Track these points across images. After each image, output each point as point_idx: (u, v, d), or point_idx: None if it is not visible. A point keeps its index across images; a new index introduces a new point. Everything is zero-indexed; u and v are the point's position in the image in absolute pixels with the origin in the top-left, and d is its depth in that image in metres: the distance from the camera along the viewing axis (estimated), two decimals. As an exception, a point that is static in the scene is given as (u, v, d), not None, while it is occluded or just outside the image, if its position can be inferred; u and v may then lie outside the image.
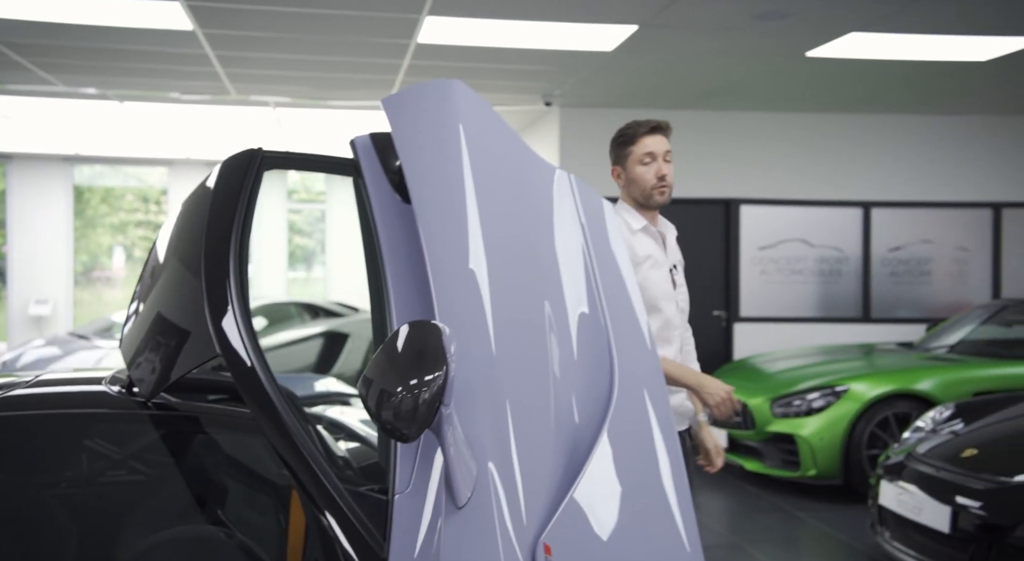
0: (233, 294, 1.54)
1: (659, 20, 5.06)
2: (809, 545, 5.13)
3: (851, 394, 5.86)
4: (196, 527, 1.88)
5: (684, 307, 2.73)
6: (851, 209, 8.20)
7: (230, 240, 1.59)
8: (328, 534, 1.47)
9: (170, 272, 1.78)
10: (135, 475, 1.99)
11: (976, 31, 5.29)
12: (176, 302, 1.71)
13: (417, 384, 1.27)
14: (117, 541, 1.83)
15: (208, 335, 1.52)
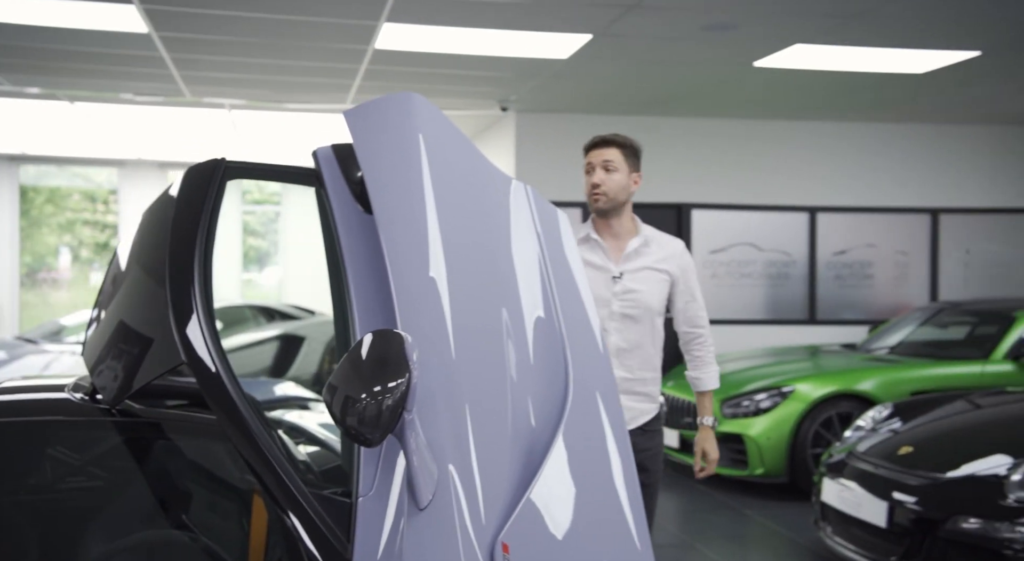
0: (198, 301, 1.56)
1: (612, 30, 5.18)
2: (756, 542, 5.29)
3: (797, 395, 6.04)
4: (161, 532, 1.92)
5: (626, 311, 2.86)
6: (798, 214, 8.42)
7: (194, 248, 1.61)
8: (293, 536, 1.51)
9: (133, 280, 1.81)
10: (99, 481, 2.03)
11: (913, 45, 5.51)
12: (139, 310, 1.74)
13: (380, 391, 1.32)
14: (83, 547, 1.86)
15: (172, 342, 1.55)
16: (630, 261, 2.89)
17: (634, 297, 2.87)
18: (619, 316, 2.85)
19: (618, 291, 2.87)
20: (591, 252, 2.90)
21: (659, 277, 2.91)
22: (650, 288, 2.88)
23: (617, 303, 2.86)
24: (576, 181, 7.92)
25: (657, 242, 2.95)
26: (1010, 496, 3.76)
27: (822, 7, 4.77)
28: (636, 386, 2.89)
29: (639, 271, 2.88)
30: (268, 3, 4.73)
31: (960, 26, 5.09)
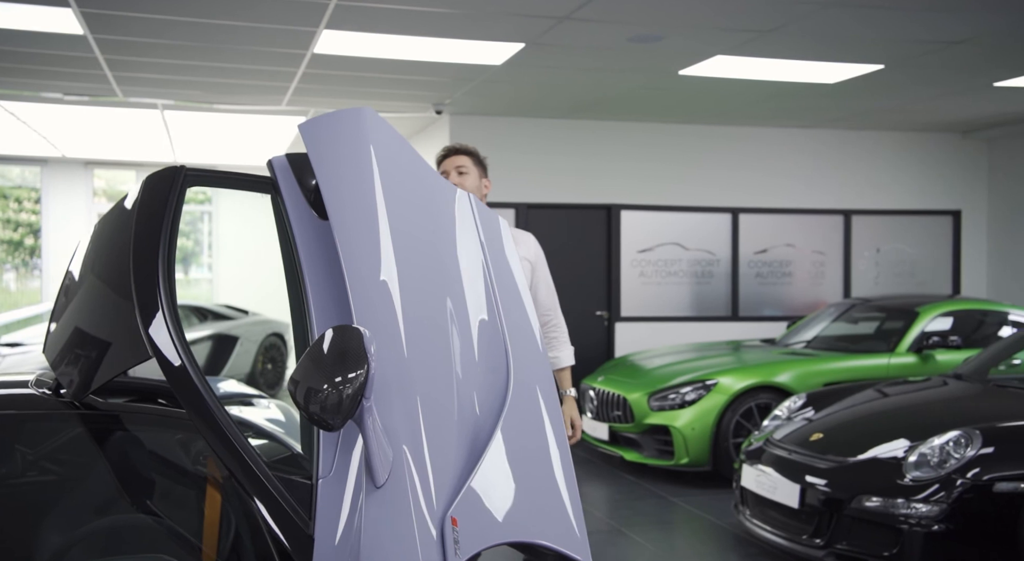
0: (163, 302, 1.69)
1: (544, 39, 5.40)
2: (681, 526, 5.58)
3: (720, 387, 6.37)
4: (126, 516, 2.05)
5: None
6: (721, 215, 8.80)
7: (158, 252, 1.72)
8: (258, 517, 1.66)
9: (91, 285, 1.92)
10: (65, 471, 2.14)
11: (822, 58, 5.88)
12: (100, 312, 1.86)
13: (341, 381, 1.48)
14: (51, 532, 1.97)
15: (138, 340, 1.68)
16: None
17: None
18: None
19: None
20: None
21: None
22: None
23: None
24: (510, 183, 8.15)
25: (513, 237, 3.25)
26: (907, 476, 4.11)
27: (739, 23, 5.08)
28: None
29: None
30: (207, 8, 4.80)
31: (864, 42, 5.47)
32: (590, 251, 8.50)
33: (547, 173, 8.28)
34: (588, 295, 8.45)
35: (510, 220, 8.27)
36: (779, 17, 4.95)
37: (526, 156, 8.21)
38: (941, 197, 9.23)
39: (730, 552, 4.98)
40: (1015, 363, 6.26)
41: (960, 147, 9.24)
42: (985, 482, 3.99)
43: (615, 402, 6.74)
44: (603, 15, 4.88)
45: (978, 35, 5.31)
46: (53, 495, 2.09)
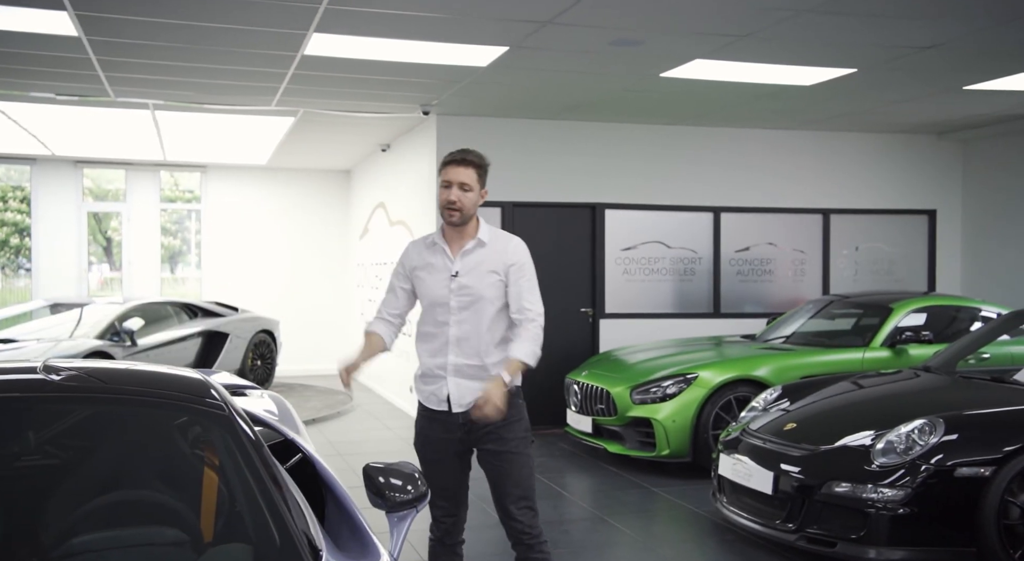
0: None
1: (527, 43, 5.56)
2: (661, 514, 5.76)
3: (700, 381, 6.55)
4: (136, 491, 2.20)
5: (462, 304, 3.20)
6: (703, 214, 8.98)
7: None
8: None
9: None
10: (74, 451, 2.29)
11: (797, 62, 6.07)
12: None
13: None
14: (67, 505, 2.13)
15: None
16: (465, 260, 3.25)
17: (468, 292, 3.21)
18: (456, 309, 3.20)
19: (454, 288, 3.22)
20: (433, 255, 3.29)
21: (491, 272, 3.24)
22: (482, 282, 3.22)
23: (454, 298, 3.21)
24: (496, 182, 8.28)
25: (493, 241, 3.29)
26: (874, 462, 4.31)
27: (715, 28, 5.25)
28: (479, 372, 3.22)
29: (473, 269, 3.23)
30: (200, 11, 4.93)
31: (836, 47, 5.66)
32: (575, 249, 8.66)
33: (533, 173, 8.45)
34: (573, 292, 8.62)
35: (496, 219, 8.43)
36: (754, 23, 5.13)
37: (512, 156, 8.37)
38: (917, 197, 9.45)
39: (708, 538, 5.16)
40: (984, 357, 6.48)
41: (935, 148, 9.46)
42: (948, 467, 4.19)
43: (599, 396, 6.91)
44: (584, 20, 5.05)
45: (946, 41, 5.51)
46: (63, 472, 2.24)
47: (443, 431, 3.29)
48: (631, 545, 5.08)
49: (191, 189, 12.79)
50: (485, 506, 5.90)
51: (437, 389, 3.26)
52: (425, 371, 3.32)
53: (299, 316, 12.28)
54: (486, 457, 3.30)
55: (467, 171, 3.21)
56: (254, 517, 2.14)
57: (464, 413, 3.23)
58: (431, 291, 3.25)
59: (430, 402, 3.31)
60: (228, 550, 2.12)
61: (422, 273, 3.28)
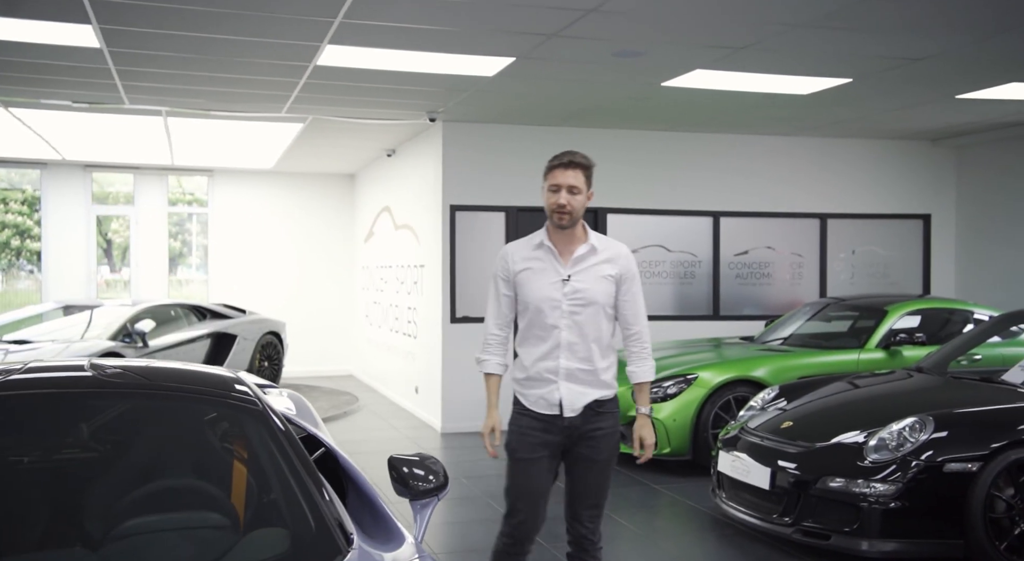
0: None
1: (534, 54, 5.75)
2: (663, 510, 5.94)
3: (700, 381, 6.73)
4: (180, 479, 2.39)
5: (574, 309, 3.19)
6: (703, 218, 9.17)
7: None
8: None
9: None
10: (126, 440, 2.47)
11: (795, 73, 6.26)
12: None
13: None
14: (117, 492, 2.31)
15: None
16: (578, 264, 3.23)
17: (581, 296, 3.20)
18: (568, 313, 3.19)
19: (567, 291, 3.20)
20: (543, 258, 3.25)
21: (604, 277, 3.23)
22: (595, 287, 3.21)
23: (567, 302, 3.19)
24: (501, 187, 8.49)
25: (603, 247, 3.29)
26: (867, 458, 4.49)
27: (715, 40, 5.44)
28: (589, 376, 3.21)
29: (586, 273, 3.22)
30: (219, 24, 5.11)
31: (831, 58, 5.85)
32: (577, 252, 8.84)
33: (536, 178, 8.52)
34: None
35: (500, 223, 8.63)
36: (752, 35, 5.32)
37: (516, 161, 8.56)
38: (912, 202, 9.64)
39: (707, 532, 5.34)
40: (976, 358, 6.66)
41: (930, 154, 9.65)
42: (937, 463, 4.37)
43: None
44: (589, 32, 5.23)
45: (938, 53, 5.70)
46: (113, 460, 2.43)
47: (544, 432, 3.22)
48: (634, 539, 5.26)
49: (193, 192, 12.98)
50: (492, 502, 6.09)
51: (547, 393, 3.21)
52: (533, 375, 3.25)
53: (305, 318, 12.46)
54: (575, 460, 3.27)
55: (574, 173, 3.19)
56: (289, 503, 2.32)
57: (571, 417, 3.20)
58: (540, 294, 3.20)
59: (539, 406, 3.23)
60: (267, 534, 2.30)
61: (528, 276, 3.23)
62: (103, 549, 2.14)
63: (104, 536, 2.18)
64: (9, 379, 2.46)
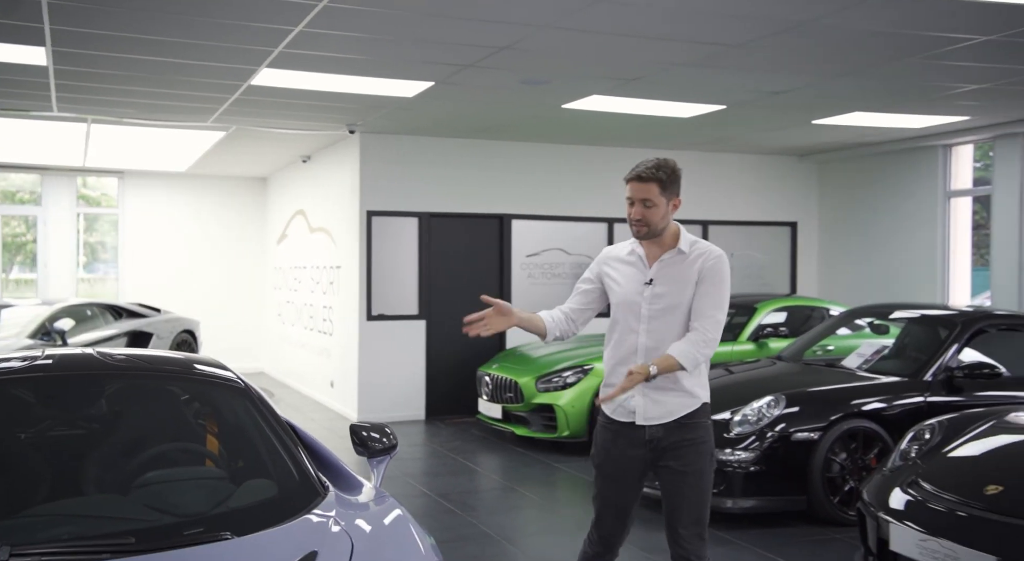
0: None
1: (451, 80, 6.45)
2: (562, 484, 6.74)
3: (595, 371, 7.57)
4: (174, 443, 2.99)
5: (654, 314, 3.10)
6: (598, 224, 10.05)
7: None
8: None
9: None
10: (125, 412, 3.05)
11: (677, 100, 7.17)
12: None
13: None
14: (123, 455, 2.89)
15: None
16: (661, 268, 3.14)
17: (662, 300, 3.10)
18: (647, 318, 3.10)
19: (647, 295, 3.12)
20: (632, 263, 3.20)
21: (687, 281, 3.10)
22: (676, 291, 3.09)
23: (646, 306, 3.11)
24: (412, 194, 9.17)
25: (694, 251, 3.16)
26: (732, 431, 5.39)
27: (608, 73, 6.27)
28: (668, 382, 3.05)
29: (669, 277, 3.11)
30: (169, 50, 5.57)
31: (708, 89, 6.78)
32: (485, 255, 9.60)
33: (448, 186, 9.34)
34: (482, 294, 9.52)
35: (414, 228, 9.28)
36: (641, 71, 6.17)
37: (430, 171, 9.24)
38: (781, 210, 10.79)
39: (601, 500, 6.16)
40: (829, 348, 7.73)
41: (796, 168, 10.84)
42: (788, 433, 5.31)
43: (507, 386, 7.86)
44: (502, 64, 5.97)
45: (796, 88, 6.70)
46: (129, 428, 3.01)
47: (628, 446, 3.13)
48: (537, 507, 6.04)
49: (105, 192, 13.08)
50: (410, 480, 6.73)
51: (625, 400, 3.12)
52: (612, 380, 3.19)
53: (218, 316, 12.75)
54: (666, 475, 3.12)
55: (646, 186, 3.10)
56: (274, 459, 2.95)
57: (650, 428, 3.08)
58: (622, 296, 3.17)
59: (616, 413, 3.16)
60: (258, 483, 2.91)
61: (614, 276, 3.21)
62: (131, 494, 2.73)
63: (130, 485, 2.77)
64: (35, 364, 3.01)
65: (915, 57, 5.72)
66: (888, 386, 5.67)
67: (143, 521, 2.56)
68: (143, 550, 2.32)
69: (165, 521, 2.57)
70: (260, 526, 2.49)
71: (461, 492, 6.26)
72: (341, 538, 2.45)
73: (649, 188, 3.11)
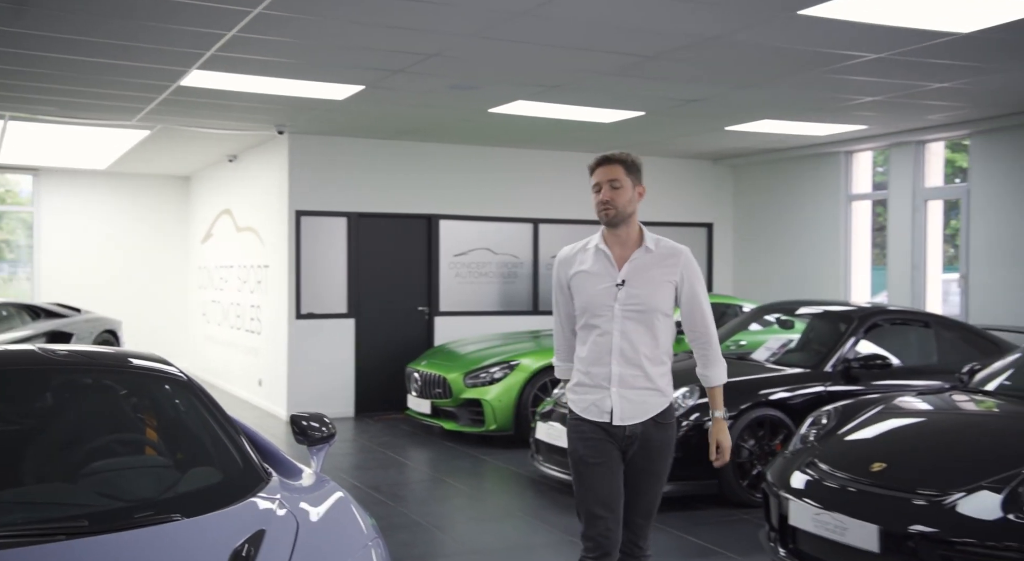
0: None
1: (381, 85, 6.63)
2: (490, 475, 6.99)
3: (521, 367, 7.85)
4: (121, 434, 3.12)
5: (628, 315, 3.07)
6: (524, 224, 10.33)
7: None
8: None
9: None
10: (70, 405, 3.17)
11: (599, 106, 7.50)
12: None
13: None
14: (69, 447, 3.00)
15: None
16: (632, 268, 3.10)
17: (636, 301, 3.07)
18: (621, 319, 3.06)
19: (621, 296, 3.07)
20: (593, 261, 3.16)
21: (662, 281, 3.10)
22: (649, 292, 3.08)
23: (619, 307, 3.06)
24: (341, 194, 9.28)
25: (660, 249, 3.15)
26: (649, 420, 5.71)
27: (533, 80, 6.54)
28: (642, 381, 3.09)
29: (642, 278, 3.09)
30: (100, 51, 5.59)
31: (628, 97, 7.12)
32: (413, 255, 9.77)
33: (377, 186, 9.49)
34: (411, 293, 9.72)
35: (343, 227, 9.40)
36: (564, 78, 6.46)
37: (358, 171, 9.38)
38: (698, 212, 11.27)
39: (526, 489, 6.44)
40: (742, 343, 8.17)
41: (712, 171, 11.33)
42: (702, 421, 5.67)
43: (436, 382, 8.06)
44: (431, 70, 6.18)
45: (709, 97, 7.10)
46: (77, 421, 3.12)
47: (605, 435, 3.11)
48: (466, 496, 6.27)
49: (10, 189, 12.74)
50: (343, 475, 6.87)
51: (599, 400, 3.10)
52: (584, 381, 3.14)
53: (141, 316, 12.57)
54: (631, 470, 3.16)
55: (612, 167, 3.14)
56: (218, 448, 3.11)
57: (630, 427, 3.09)
58: (593, 298, 3.10)
59: (590, 413, 3.13)
60: (204, 471, 3.07)
61: (582, 279, 3.15)
62: (79, 483, 2.86)
63: (78, 474, 2.90)
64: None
65: (817, 71, 6.16)
66: (793, 377, 6.09)
67: (94, 506, 2.70)
68: (97, 531, 2.46)
69: (115, 505, 2.71)
70: (208, 509, 2.65)
71: (392, 484, 6.44)
72: (287, 519, 2.63)
73: (615, 169, 3.15)
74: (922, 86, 6.62)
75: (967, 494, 3.72)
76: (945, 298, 9.25)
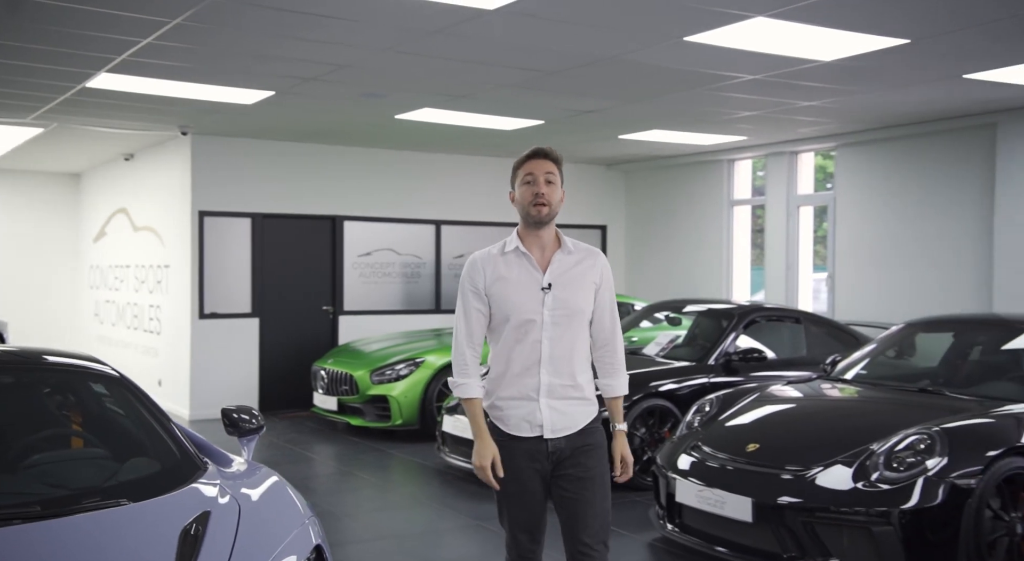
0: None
1: (291, 91, 6.81)
2: (397, 467, 7.27)
3: (426, 364, 8.15)
4: (59, 428, 3.29)
5: (558, 320, 2.92)
6: (427, 226, 10.62)
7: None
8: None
9: None
10: (23, 401, 3.31)
11: (500, 114, 7.88)
12: None
13: None
14: (11, 440, 3.15)
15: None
16: (556, 272, 2.96)
17: (565, 306, 2.93)
18: (551, 325, 2.91)
19: (548, 301, 2.92)
20: (518, 264, 2.97)
21: (585, 285, 2.98)
22: (575, 295, 2.95)
23: (548, 313, 2.91)
24: (245, 194, 9.35)
25: (580, 251, 3.03)
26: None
27: (439, 89, 6.86)
28: (572, 391, 2.93)
29: (567, 281, 2.95)
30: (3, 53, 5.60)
31: (528, 107, 7.53)
32: (317, 255, 9.92)
33: (281, 187, 9.59)
34: (316, 292, 9.87)
35: (246, 229, 9.46)
36: (468, 90, 6.81)
37: (263, 172, 9.46)
38: (593, 214, 11.82)
39: (433, 479, 6.76)
40: (634, 339, 8.71)
41: (605, 176, 11.91)
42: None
43: (342, 379, 8.27)
44: (341, 79, 6.41)
45: (602, 108, 7.59)
46: (16, 416, 3.27)
47: (528, 460, 2.92)
48: (375, 488, 6.54)
49: None
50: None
51: (528, 414, 2.90)
52: (511, 394, 2.93)
53: (28, 316, 12.21)
54: (566, 484, 2.92)
55: (548, 163, 3.00)
56: (154, 439, 3.31)
57: (553, 441, 2.90)
58: (519, 306, 2.91)
59: (520, 429, 2.92)
60: (141, 461, 3.27)
61: (501, 286, 2.94)
62: (21, 474, 3.02)
63: (19, 466, 3.06)
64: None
65: (701, 89, 6.73)
66: (680, 370, 6.63)
67: (41, 494, 2.88)
68: (50, 516, 2.66)
69: (62, 493, 2.90)
70: (153, 494, 2.87)
71: (301, 478, 6.63)
72: (229, 501, 2.88)
73: (550, 164, 3.00)
74: (792, 104, 7.30)
75: (825, 468, 4.29)
76: (815, 296, 10.09)
